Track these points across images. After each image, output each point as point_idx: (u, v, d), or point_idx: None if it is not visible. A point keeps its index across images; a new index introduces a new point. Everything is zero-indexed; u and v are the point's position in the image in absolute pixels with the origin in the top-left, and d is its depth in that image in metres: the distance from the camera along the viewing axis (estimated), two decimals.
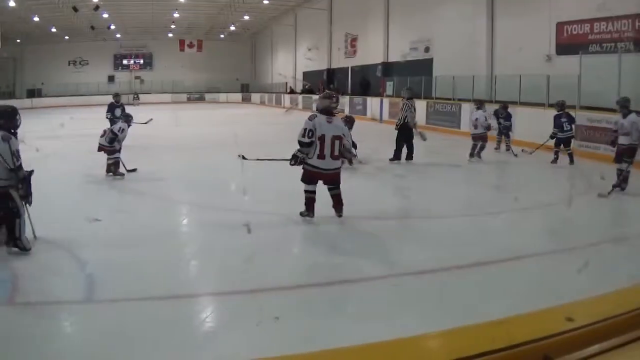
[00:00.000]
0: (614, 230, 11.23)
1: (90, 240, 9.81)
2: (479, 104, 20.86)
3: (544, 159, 19.48)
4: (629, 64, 20.57)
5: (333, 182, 11.11)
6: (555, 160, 19.02)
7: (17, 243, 9.01)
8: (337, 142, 10.80)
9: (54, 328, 6.60)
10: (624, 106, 14.31)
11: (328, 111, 11.08)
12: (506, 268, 8.79)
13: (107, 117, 21.74)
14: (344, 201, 11.26)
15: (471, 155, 20.10)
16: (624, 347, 1.88)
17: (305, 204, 11.10)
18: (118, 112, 21.61)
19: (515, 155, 20.83)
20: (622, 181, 13.77)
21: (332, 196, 11.15)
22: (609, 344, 1.87)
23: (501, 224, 11.77)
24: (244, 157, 12.12)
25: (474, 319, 2.19)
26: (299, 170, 11.17)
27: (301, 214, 11.15)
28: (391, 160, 18.94)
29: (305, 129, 10.74)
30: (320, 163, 10.79)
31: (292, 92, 62.10)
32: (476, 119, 20.11)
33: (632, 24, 22.36)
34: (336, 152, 10.83)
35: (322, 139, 10.68)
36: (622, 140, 14.08)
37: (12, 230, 9.01)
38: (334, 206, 11.19)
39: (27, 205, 9.19)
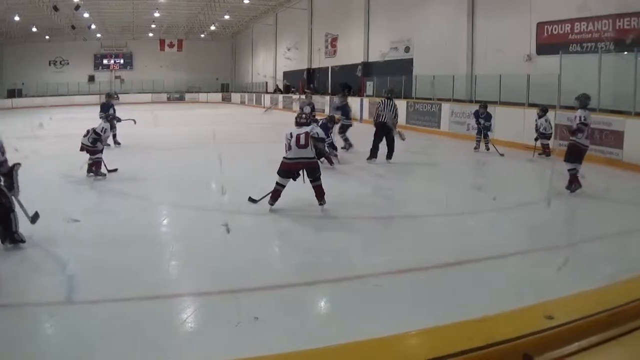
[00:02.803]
0: (593, 229, 11.20)
1: (70, 240, 9.75)
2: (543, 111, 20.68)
3: (524, 158, 19.64)
4: (609, 64, 20.61)
5: (309, 172, 11.84)
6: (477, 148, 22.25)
7: (13, 237, 9.06)
8: (302, 136, 11.69)
9: (34, 329, 6.49)
10: (581, 101, 14.05)
11: (299, 123, 12.55)
12: (486, 267, 8.85)
13: (100, 117, 21.46)
14: (326, 199, 11.97)
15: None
16: (603, 344, 1.86)
17: (272, 194, 11.79)
18: (111, 111, 21.60)
19: (501, 155, 20.81)
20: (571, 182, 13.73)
21: (314, 187, 11.90)
22: (588, 341, 1.86)
23: (481, 223, 11.79)
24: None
25: (453, 317, 2.15)
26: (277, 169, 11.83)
27: (269, 202, 11.81)
28: (368, 159, 18.91)
29: (285, 145, 11.95)
30: (289, 154, 11.77)
31: (276, 91, 61.97)
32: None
33: (613, 24, 22.42)
34: (302, 142, 11.63)
35: (290, 136, 11.77)
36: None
37: (8, 225, 9.02)
38: (316, 196, 11.89)
39: (15, 197, 9.20)
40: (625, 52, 20.67)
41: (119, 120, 21.47)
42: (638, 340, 1.91)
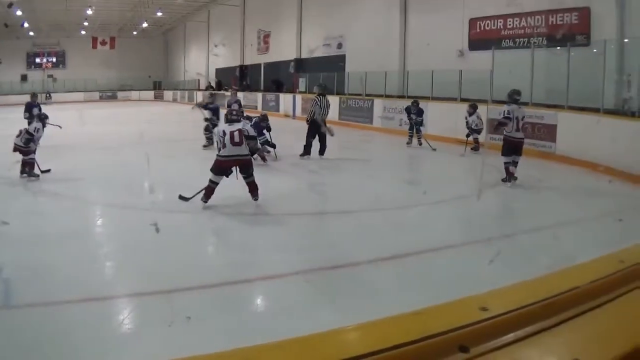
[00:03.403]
0: (528, 221, 11.50)
1: (4, 244, 9.52)
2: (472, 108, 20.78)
3: (456, 153, 19.76)
4: (541, 59, 20.96)
5: (243, 168, 11.94)
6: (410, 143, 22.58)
7: None
8: (236, 133, 11.77)
9: None
10: (509, 96, 14.72)
11: (230, 120, 12.21)
12: (420, 260, 8.85)
13: (25, 118, 21.07)
14: (260, 195, 12.19)
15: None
16: (537, 335, 1.86)
17: (206, 192, 11.80)
18: (36, 111, 21.11)
19: (434, 150, 21.04)
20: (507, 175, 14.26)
21: (247, 184, 12.05)
22: (523, 332, 1.86)
23: (415, 217, 11.83)
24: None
25: (388, 311, 2.00)
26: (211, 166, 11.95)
27: (202, 199, 11.81)
28: (301, 155, 18.96)
29: (216, 142, 12.17)
30: (223, 152, 11.76)
31: (208, 88, 61.90)
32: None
33: (545, 19, 22.83)
34: (236, 139, 11.72)
35: (223, 134, 11.82)
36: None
37: None
38: (249, 192, 12.07)
39: None
40: (558, 47, 20.85)
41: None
42: (571, 329, 1.93)
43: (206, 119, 20.29)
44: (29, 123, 16.95)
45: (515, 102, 14.40)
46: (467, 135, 20.23)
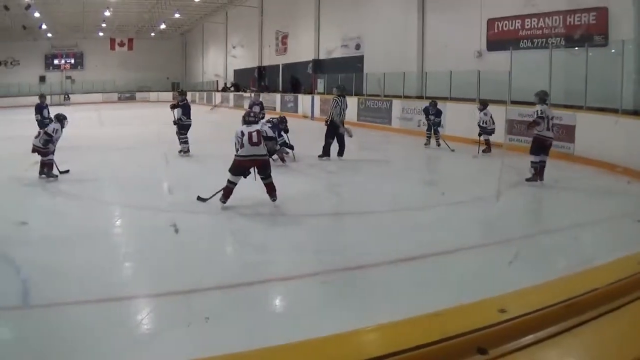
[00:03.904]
0: (547, 222, 11.51)
1: (22, 244, 9.56)
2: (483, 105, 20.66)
3: (474, 154, 19.59)
4: (559, 59, 20.80)
5: (261, 169, 11.92)
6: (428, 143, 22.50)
7: None
8: (254, 134, 11.78)
9: None
10: (539, 97, 14.68)
11: (248, 122, 12.25)
12: (439, 262, 8.84)
13: (37, 120, 21.06)
14: (279, 196, 12.04)
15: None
16: (557, 336, 1.85)
17: (224, 192, 11.79)
18: (46, 112, 21.14)
19: (452, 150, 20.98)
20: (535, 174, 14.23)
21: (265, 185, 11.95)
22: (542, 334, 1.84)
23: (433, 218, 11.78)
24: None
25: (407, 312, 2.06)
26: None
27: (220, 200, 11.80)
28: (320, 156, 18.94)
29: (235, 143, 12.00)
30: (242, 151, 11.75)
31: (225, 89, 61.96)
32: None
33: (563, 20, 22.64)
34: (254, 140, 11.71)
35: (242, 134, 11.79)
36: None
37: None
38: (267, 192, 11.93)
39: None
40: (576, 48, 20.75)
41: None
42: (591, 331, 1.92)
43: (175, 122, 19.98)
44: (40, 124, 16.95)
45: (545, 103, 14.46)
46: (479, 134, 20.15)
